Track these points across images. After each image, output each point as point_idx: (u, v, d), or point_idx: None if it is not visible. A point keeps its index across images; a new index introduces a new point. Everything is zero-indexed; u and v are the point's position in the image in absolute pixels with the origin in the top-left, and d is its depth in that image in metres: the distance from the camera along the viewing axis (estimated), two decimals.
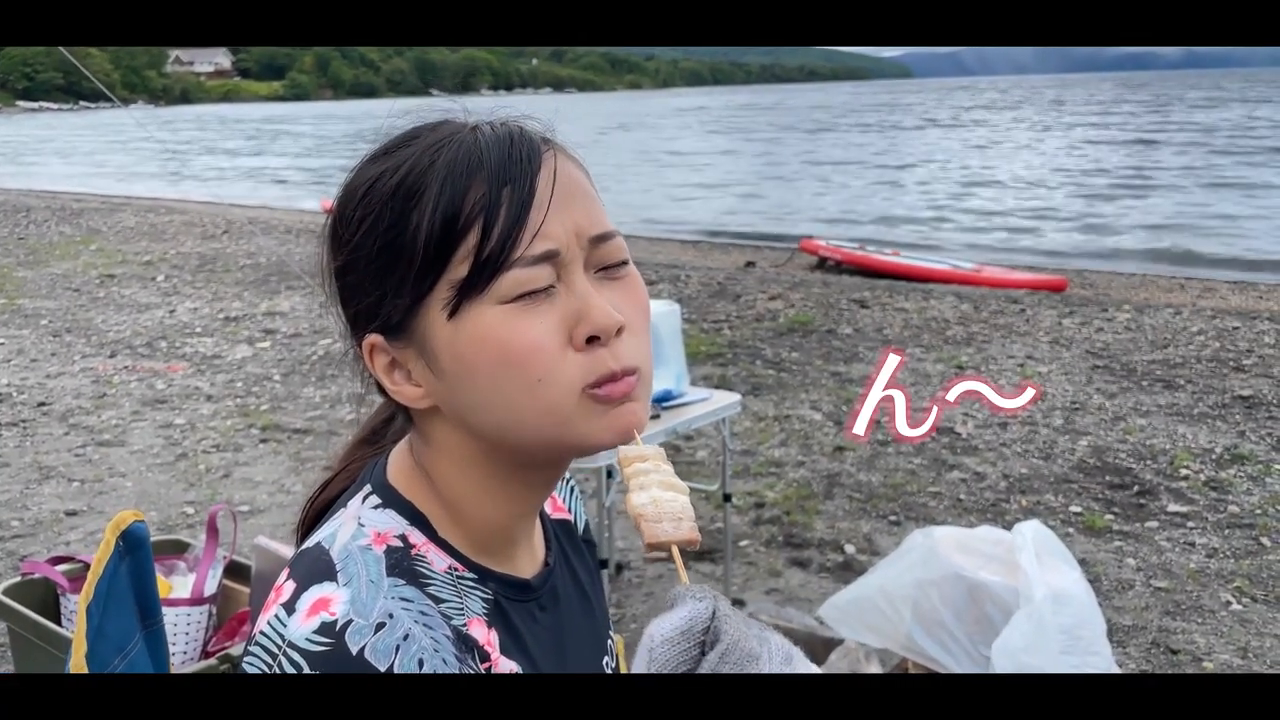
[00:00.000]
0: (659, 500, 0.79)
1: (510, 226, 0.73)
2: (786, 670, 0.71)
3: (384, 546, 0.77)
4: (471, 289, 0.73)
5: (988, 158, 29.29)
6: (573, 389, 0.75)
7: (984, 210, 18.28)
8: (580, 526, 1.03)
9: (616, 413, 0.77)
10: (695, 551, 3.94)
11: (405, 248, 0.75)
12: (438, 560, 0.79)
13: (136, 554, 1.44)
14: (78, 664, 1.34)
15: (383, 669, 0.69)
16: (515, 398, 0.75)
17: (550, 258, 0.74)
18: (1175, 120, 43.15)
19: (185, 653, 2.40)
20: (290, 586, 0.75)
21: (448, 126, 0.79)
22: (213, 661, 2.27)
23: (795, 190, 22.32)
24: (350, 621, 0.70)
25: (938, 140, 38.02)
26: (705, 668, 0.68)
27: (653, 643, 0.68)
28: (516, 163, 0.75)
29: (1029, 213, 17.73)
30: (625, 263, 0.80)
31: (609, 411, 0.76)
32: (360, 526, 0.79)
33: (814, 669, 0.73)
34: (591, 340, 0.75)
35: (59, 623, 2.34)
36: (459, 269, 0.73)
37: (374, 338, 0.79)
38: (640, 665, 0.69)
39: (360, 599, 0.72)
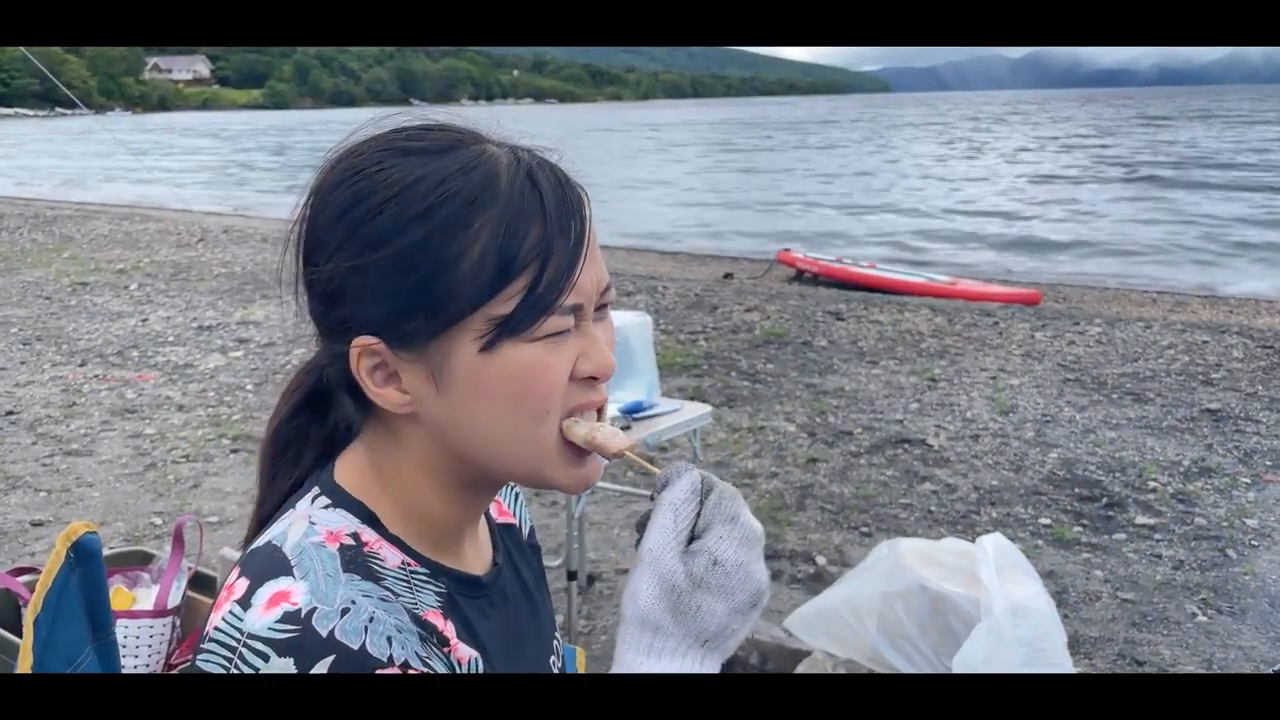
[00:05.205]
0: (597, 426, 0.88)
1: (559, 277, 0.76)
2: (749, 513, 0.82)
3: (337, 545, 0.78)
4: (514, 330, 0.76)
5: (964, 171, 29.54)
6: (563, 416, 0.81)
7: (960, 223, 18.42)
8: (525, 531, 1.05)
9: (588, 465, 0.84)
10: None
11: (447, 274, 0.75)
12: (390, 556, 0.81)
13: (88, 565, 1.43)
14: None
15: (355, 647, 0.71)
16: (522, 426, 0.79)
17: (579, 308, 0.79)
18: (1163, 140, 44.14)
19: (148, 665, 2.38)
20: (244, 583, 0.75)
21: (488, 150, 0.79)
22: (174, 674, 2.25)
23: (772, 203, 22.43)
24: (315, 608, 0.72)
25: (916, 154, 38.34)
26: (709, 508, 0.80)
27: (675, 506, 0.80)
28: (569, 215, 0.78)
29: (1002, 225, 17.89)
30: (611, 303, 0.86)
31: (582, 463, 0.83)
32: (311, 525, 0.79)
33: (757, 528, 0.82)
34: (590, 378, 0.81)
35: (20, 635, 2.31)
36: (502, 306, 0.75)
37: (372, 341, 0.78)
38: (669, 525, 0.79)
39: (320, 589, 0.73)
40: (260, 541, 0.80)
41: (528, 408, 0.78)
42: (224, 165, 37.35)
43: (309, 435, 0.89)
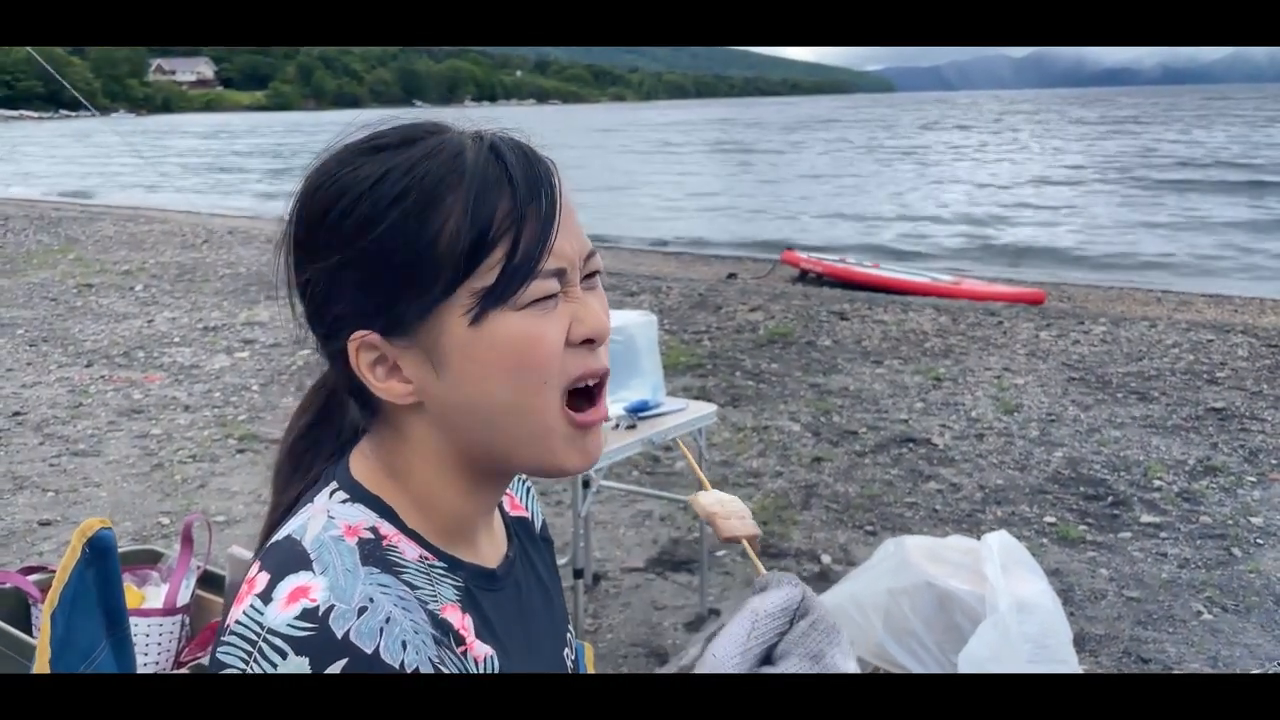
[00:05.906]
0: (723, 500, 0.93)
1: (536, 242, 0.77)
2: (847, 654, 0.82)
3: (355, 539, 0.78)
4: (498, 299, 0.77)
5: (965, 172, 29.52)
6: (565, 386, 0.81)
7: (962, 223, 18.41)
8: (538, 525, 1.06)
9: (590, 438, 0.84)
10: (672, 562, 3.91)
11: (426, 253, 0.77)
12: (409, 550, 0.81)
13: (103, 561, 1.43)
14: (41, 671, 1.35)
15: (369, 651, 0.71)
16: (522, 397, 0.79)
17: (563, 272, 0.80)
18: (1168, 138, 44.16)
19: (157, 663, 2.39)
20: (264, 577, 0.75)
21: (451, 135, 0.81)
22: (185, 673, 2.26)
23: (775, 203, 22.42)
24: (333, 606, 0.72)
25: (917, 154, 38.32)
26: (795, 634, 0.80)
27: (757, 615, 0.80)
28: (538, 183, 0.79)
29: (1005, 225, 17.89)
30: (600, 271, 0.86)
31: (585, 436, 0.83)
32: (330, 519, 0.80)
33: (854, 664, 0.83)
34: (585, 342, 0.81)
35: (30, 633, 2.32)
36: (484, 279, 0.77)
37: (367, 335, 0.80)
38: (741, 634, 0.80)
39: (339, 585, 0.74)
40: (280, 535, 0.80)
41: (525, 376, 0.79)
42: (227, 167, 37.47)
43: (321, 443, 0.91)
